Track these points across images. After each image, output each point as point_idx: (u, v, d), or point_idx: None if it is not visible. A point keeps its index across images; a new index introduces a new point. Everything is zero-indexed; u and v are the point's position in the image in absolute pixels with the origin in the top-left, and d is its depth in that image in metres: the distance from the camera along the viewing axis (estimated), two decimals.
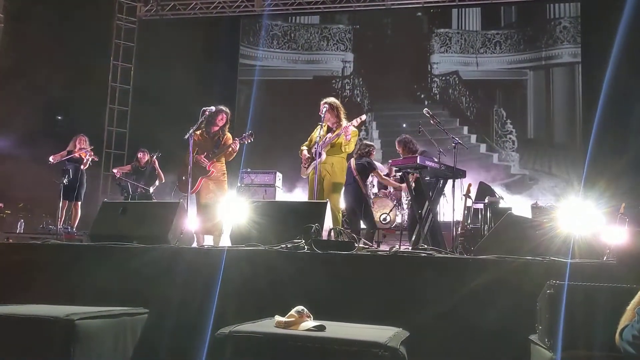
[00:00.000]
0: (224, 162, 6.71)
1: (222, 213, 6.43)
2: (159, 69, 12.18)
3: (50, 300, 3.30)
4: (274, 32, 13.33)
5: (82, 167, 8.87)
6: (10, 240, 8.33)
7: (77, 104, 11.68)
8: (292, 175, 11.28)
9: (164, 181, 9.59)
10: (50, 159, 8.78)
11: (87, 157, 8.86)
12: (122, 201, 8.20)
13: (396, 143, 7.56)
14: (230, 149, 6.62)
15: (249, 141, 6.76)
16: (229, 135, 6.79)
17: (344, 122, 6.34)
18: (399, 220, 8.41)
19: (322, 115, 6.41)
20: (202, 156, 6.52)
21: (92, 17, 12.16)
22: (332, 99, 6.50)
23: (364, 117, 6.51)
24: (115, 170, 9.60)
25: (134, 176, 9.51)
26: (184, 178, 6.40)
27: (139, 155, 9.64)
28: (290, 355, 2.43)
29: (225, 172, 6.76)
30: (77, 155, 8.82)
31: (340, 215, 6.80)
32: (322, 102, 6.44)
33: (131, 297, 3.52)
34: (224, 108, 6.77)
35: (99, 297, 3.50)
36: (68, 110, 11.70)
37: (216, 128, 6.71)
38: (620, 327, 2.02)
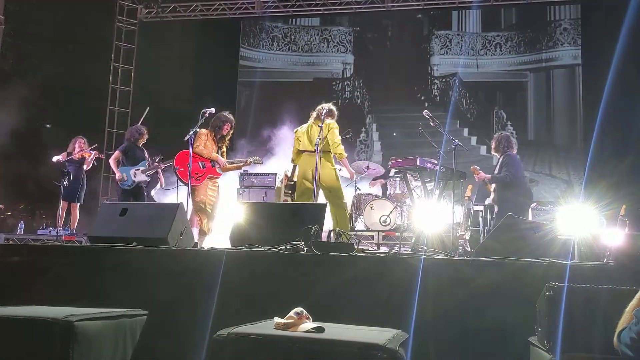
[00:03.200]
0: None
1: (215, 215, 6.54)
2: (160, 71, 12.20)
3: (49, 302, 3.29)
4: (274, 33, 13.34)
5: (85, 167, 8.84)
6: (11, 242, 8.33)
7: (78, 106, 11.70)
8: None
9: (164, 185, 9.56)
10: (54, 159, 8.75)
11: (92, 156, 8.82)
12: (122, 203, 8.19)
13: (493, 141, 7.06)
14: (240, 165, 7.03)
15: (259, 164, 7.14)
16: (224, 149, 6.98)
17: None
18: (399, 222, 8.40)
19: (322, 118, 6.45)
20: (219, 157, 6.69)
21: (92, 19, 12.19)
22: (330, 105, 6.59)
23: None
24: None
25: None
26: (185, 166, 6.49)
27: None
28: (289, 357, 2.42)
29: None
30: (76, 157, 8.78)
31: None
32: (321, 107, 6.53)
33: (130, 298, 3.51)
34: (229, 117, 6.85)
35: (99, 298, 3.50)
36: (69, 111, 11.71)
37: (220, 136, 6.86)
38: (618, 329, 2.01)
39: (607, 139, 9.56)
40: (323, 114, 6.37)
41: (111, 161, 8.00)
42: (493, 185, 6.72)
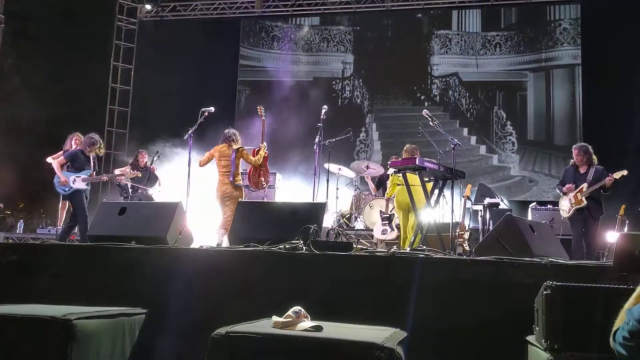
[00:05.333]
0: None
1: None
2: (159, 70, 12.20)
3: (48, 300, 3.30)
4: (274, 33, 13.34)
5: None
6: (10, 241, 8.34)
7: (77, 105, 11.70)
8: (292, 176, 11.29)
9: (161, 185, 9.52)
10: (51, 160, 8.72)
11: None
12: (121, 202, 8.18)
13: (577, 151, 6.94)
14: None
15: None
16: None
17: None
18: (398, 221, 8.40)
19: (323, 117, 6.49)
20: None
21: (92, 18, 12.20)
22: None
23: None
24: (117, 171, 9.47)
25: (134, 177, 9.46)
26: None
27: (138, 157, 9.58)
28: (287, 356, 2.43)
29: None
30: None
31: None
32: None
33: (129, 297, 3.52)
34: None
35: (97, 297, 3.50)
36: (68, 111, 11.70)
37: None
38: (614, 329, 2.01)
39: (606, 139, 9.56)
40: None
41: (56, 164, 7.82)
42: (588, 191, 6.66)
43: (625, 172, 6.58)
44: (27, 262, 4.04)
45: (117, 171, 8.97)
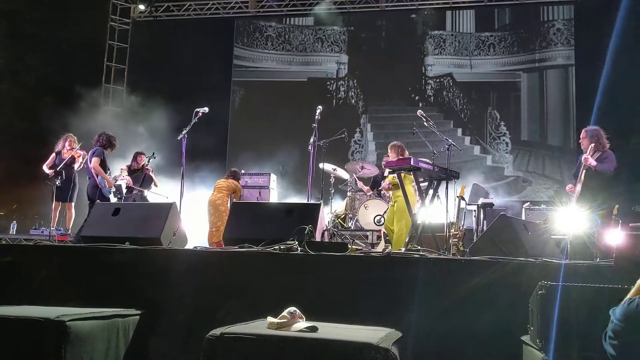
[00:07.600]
0: None
1: None
2: (153, 71, 12.16)
3: (41, 302, 3.28)
4: (268, 33, 13.33)
5: (75, 167, 8.75)
6: (3, 242, 8.27)
7: (72, 105, 11.65)
8: (286, 176, 11.28)
9: (157, 186, 9.48)
10: (48, 171, 8.62)
11: (82, 156, 8.73)
12: (115, 202, 8.14)
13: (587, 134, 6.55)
14: None
15: None
16: None
17: None
18: None
19: (317, 118, 6.49)
20: None
21: (86, 19, 12.14)
22: None
23: None
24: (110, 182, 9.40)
25: (130, 178, 9.42)
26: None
27: (137, 158, 9.52)
28: (282, 357, 2.43)
29: None
30: (66, 155, 8.67)
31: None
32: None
33: (123, 298, 3.50)
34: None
35: (91, 298, 3.48)
36: (62, 111, 11.66)
37: None
38: (607, 329, 2.03)
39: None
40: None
41: (97, 166, 7.79)
42: (582, 177, 6.30)
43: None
44: (21, 264, 4.02)
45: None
